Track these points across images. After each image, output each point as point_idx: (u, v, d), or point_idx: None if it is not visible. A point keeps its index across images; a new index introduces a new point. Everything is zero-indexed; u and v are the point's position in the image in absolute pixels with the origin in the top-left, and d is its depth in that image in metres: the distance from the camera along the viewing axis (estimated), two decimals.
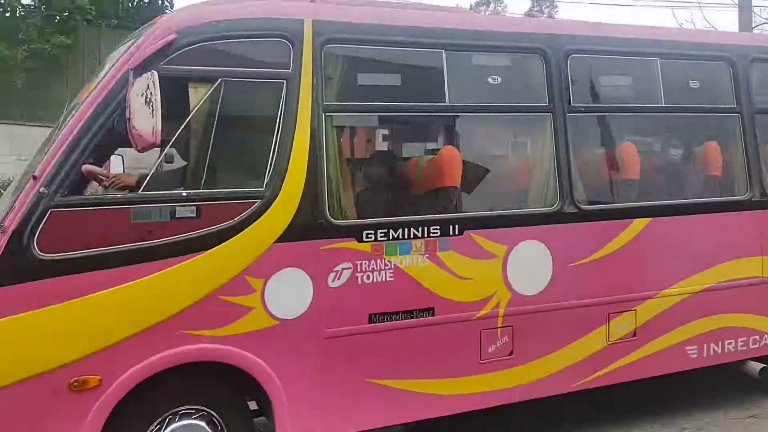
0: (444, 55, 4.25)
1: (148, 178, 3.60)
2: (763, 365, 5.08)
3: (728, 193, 5.23)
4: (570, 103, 4.55)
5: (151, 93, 3.32)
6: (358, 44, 4.14)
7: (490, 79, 4.44)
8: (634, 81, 5.02)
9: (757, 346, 5.14)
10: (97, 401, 3.36)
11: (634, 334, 4.68)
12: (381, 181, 4.64)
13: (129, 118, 3.31)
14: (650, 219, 4.76)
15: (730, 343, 5.03)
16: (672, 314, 4.79)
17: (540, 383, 4.40)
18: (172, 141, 3.61)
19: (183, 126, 3.65)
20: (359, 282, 3.90)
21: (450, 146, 4.55)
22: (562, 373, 4.46)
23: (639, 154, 4.93)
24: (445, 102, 4.27)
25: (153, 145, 3.38)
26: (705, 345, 4.94)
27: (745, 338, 5.08)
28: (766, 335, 5.15)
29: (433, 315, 4.09)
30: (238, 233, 3.62)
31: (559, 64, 4.50)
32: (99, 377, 3.37)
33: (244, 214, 3.64)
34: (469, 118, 4.62)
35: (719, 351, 4.99)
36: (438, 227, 4.10)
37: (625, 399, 5.14)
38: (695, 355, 4.92)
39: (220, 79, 3.68)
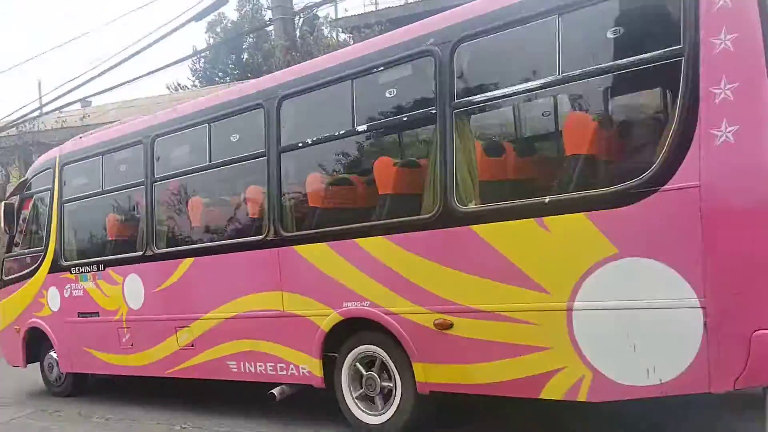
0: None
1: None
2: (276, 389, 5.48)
3: (245, 234, 5.64)
4: (153, 175, 6.43)
5: None
6: (86, 160, 7.35)
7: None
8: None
9: (284, 373, 5.50)
10: None
11: (193, 345, 6.17)
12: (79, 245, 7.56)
13: None
14: (193, 259, 6.06)
15: (260, 366, 5.66)
16: (213, 334, 5.98)
17: (149, 366, 6.67)
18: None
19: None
20: (72, 295, 7.35)
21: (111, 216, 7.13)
22: (159, 363, 6.55)
23: (204, 205, 6.12)
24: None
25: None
26: (242, 363, 5.80)
27: (273, 364, 5.57)
28: (292, 364, 5.42)
29: (99, 316, 7.10)
30: (33, 273, 7.74)
31: None
32: None
33: (36, 264, 7.71)
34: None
35: (253, 370, 5.72)
36: (96, 266, 7.04)
37: None
38: (235, 370, 5.86)
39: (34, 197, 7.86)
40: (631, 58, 3.75)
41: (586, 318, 3.92)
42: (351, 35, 16.17)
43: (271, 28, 13.81)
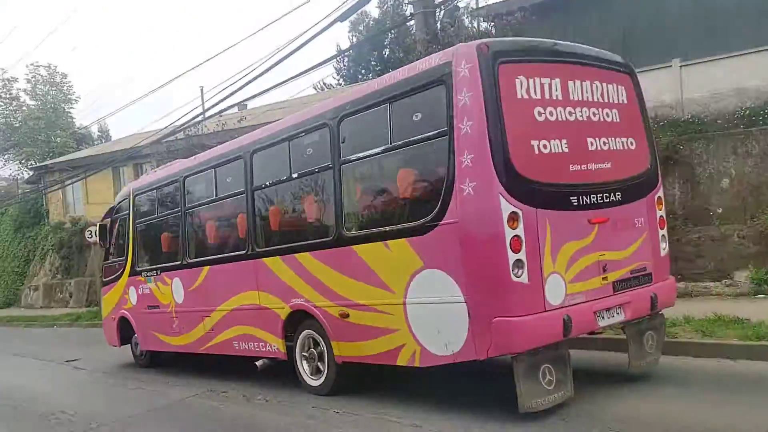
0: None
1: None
2: (259, 361, 7.59)
3: (237, 249, 7.79)
4: (186, 205, 8.79)
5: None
6: (147, 193, 9.91)
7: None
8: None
9: (265, 349, 7.60)
10: None
11: (212, 329, 8.43)
12: (146, 256, 9.98)
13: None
14: (209, 267, 8.31)
15: (251, 344, 7.80)
16: (223, 321, 8.21)
17: (189, 345, 9.04)
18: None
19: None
20: (143, 292, 9.89)
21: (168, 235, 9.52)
22: (195, 342, 8.89)
23: (215, 228, 8.38)
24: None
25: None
26: (240, 342, 7.98)
27: (257, 343, 7.69)
28: (268, 343, 7.51)
29: (159, 308, 9.57)
30: (120, 276, 10.40)
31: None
32: None
33: (121, 269, 10.36)
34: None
35: (247, 348, 7.88)
36: (155, 271, 9.53)
37: None
38: (238, 347, 8.05)
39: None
40: (426, 134, 5.51)
41: (413, 309, 5.71)
42: (493, 23, 15.54)
43: (412, 22, 13.31)
